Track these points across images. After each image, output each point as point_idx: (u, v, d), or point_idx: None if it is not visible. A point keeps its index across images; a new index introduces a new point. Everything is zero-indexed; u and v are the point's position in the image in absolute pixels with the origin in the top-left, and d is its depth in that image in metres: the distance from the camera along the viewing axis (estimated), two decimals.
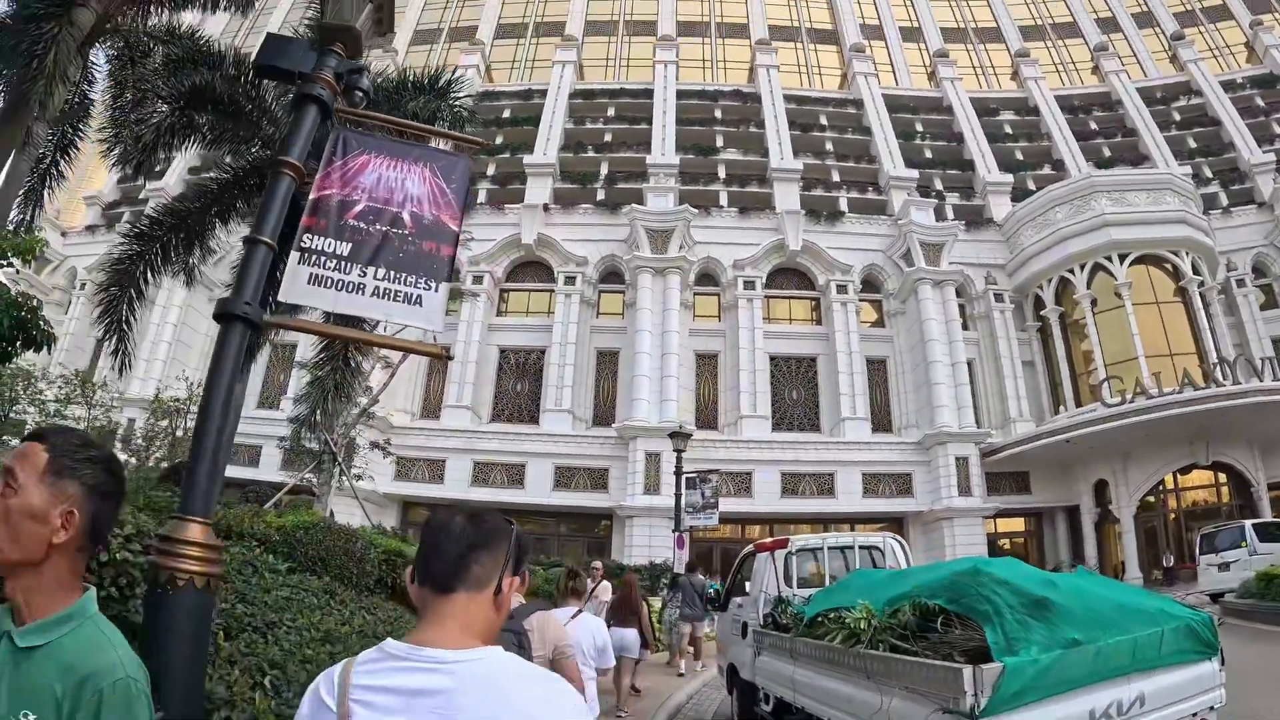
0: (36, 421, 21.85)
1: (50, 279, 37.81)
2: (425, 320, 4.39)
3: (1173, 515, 29.59)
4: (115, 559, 4.28)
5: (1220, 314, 33.60)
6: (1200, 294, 32.37)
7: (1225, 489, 29.26)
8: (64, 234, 39.78)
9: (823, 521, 31.83)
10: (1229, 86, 43.59)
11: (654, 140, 41.14)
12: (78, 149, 13.15)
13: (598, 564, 15.46)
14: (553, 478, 31.85)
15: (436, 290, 4.44)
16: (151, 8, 11.86)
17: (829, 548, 10.08)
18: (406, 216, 4.57)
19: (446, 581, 1.56)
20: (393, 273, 4.40)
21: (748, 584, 10.21)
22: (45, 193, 12.65)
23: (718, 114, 44.17)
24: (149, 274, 11.15)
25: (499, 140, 41.96)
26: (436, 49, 48.44)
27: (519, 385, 34.88)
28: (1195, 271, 32.58)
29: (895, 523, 31.23)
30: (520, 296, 37.11)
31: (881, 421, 34.06)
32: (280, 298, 4.53)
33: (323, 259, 4.35)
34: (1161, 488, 29.80)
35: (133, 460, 22.26)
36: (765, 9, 50.34)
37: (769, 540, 10.87)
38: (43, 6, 10.10)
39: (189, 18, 14.33)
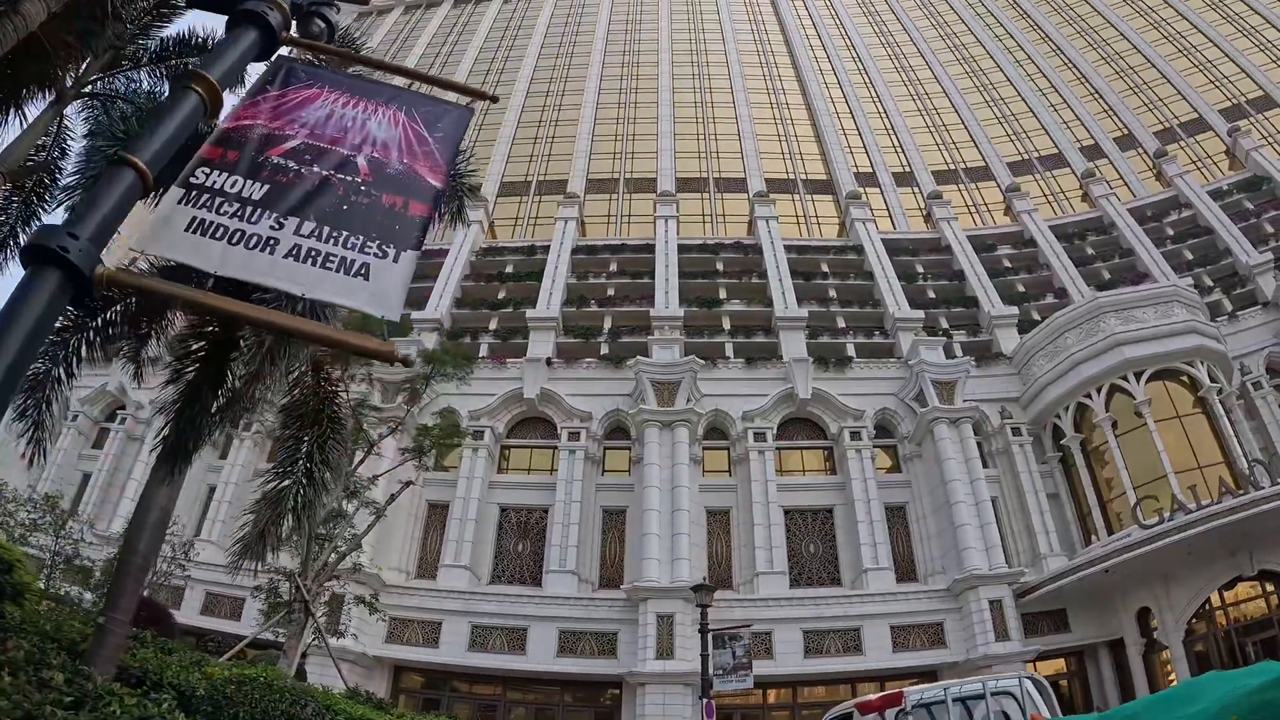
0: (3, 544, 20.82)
1: None
2: (370, 299, 2.99)
3: (1223, 634, 27.42)
4: None
5: (1243, 419, 32.69)
6: (1220, 401, 31.41)
7: (1274, 598, 27.10)
8: None
9: (851, 681, 29.91)
10: (1217, 195, 44.00)
11: (657, 293, 41.14)
12: (40, 220, 11.96)
13: None
14: (557, 643, 29.80)
15: (396, 260, 3.07)
16: (134, 72, 11.43)
17: (953, 700, 8.54)
18: (362, 161, 3.31)
19: None
20: (327, 228, 3.05)
21: None
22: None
23: (720, 266, 44.41)
24: (82, 350, 9.84)
25: (501, 295, 42.24)
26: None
27: (520, 545, 33.39)
28: (1212, 379, 31.80)
29: (929, 676, 28.84)
30: (522, 453, 36.19)
31: (905, 570, 32.20)
32: (135, 244, 3.17)
33: (218, 201, 3.05)
34: (1208, 606, 27.72)
35: (88, 595, 21.09)
36: (761, 164, 51.77)
37: (874, 697, 9.36)
38: None
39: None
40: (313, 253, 3.00)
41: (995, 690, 8.52)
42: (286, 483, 10.69)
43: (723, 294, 42.43)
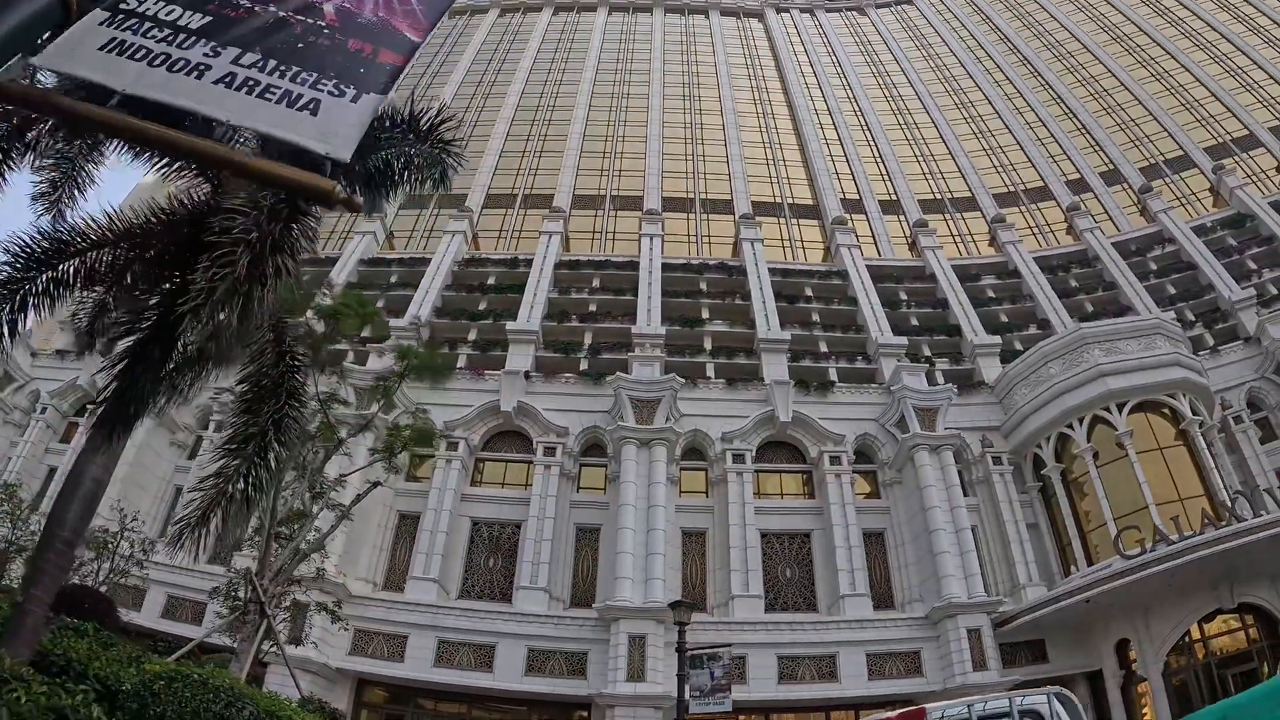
0: None
1: (13, 398, 36.73)
2: (316, 134, 2.64)
3: (1202, 667, 27.13)
4: None
5: (1223, 452, 32.80)
6: (1201, 434, 31.46)
7: (1254, 630, 26.90)
8: (34, 355, 38.70)
9: (825, 709, 29.57)
10: (1200, 231, 44.54)
11: (639, 311, 40.83)
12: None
13: None
14: (525, 661, 28.97)
15: (355, 101, 2.72)
16: None
17: (977, 718, 8.16)
18: (330, 9, 3.04)
19: None
20: (274, 62, 2.70)
21: None
22: None
23: (703, 286, 44.23)
24: (29, 306, 9.05)
25: (482, 306, 41.81)
26: (425, 214, 50.06)
27: (491, 560, 32.61)
28: (1194, 412, 31.84)
29: (905, 704, 28.40)
30: (496, 467, 35.51)
31: (882, 597, 31.72)
32: (40, 60, 2.69)
33: (146, 25, 2.69)
34: (1187, 639, 27.49)
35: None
36: (748, 186, 51.88)
37: (894, 714, 9.06)
38: None
39: None
40: (250, 81, 2.62)
41: (1022, 708, 8.11)
42: (237, 461, 9.79)
43: (705, 314, 42.18)
